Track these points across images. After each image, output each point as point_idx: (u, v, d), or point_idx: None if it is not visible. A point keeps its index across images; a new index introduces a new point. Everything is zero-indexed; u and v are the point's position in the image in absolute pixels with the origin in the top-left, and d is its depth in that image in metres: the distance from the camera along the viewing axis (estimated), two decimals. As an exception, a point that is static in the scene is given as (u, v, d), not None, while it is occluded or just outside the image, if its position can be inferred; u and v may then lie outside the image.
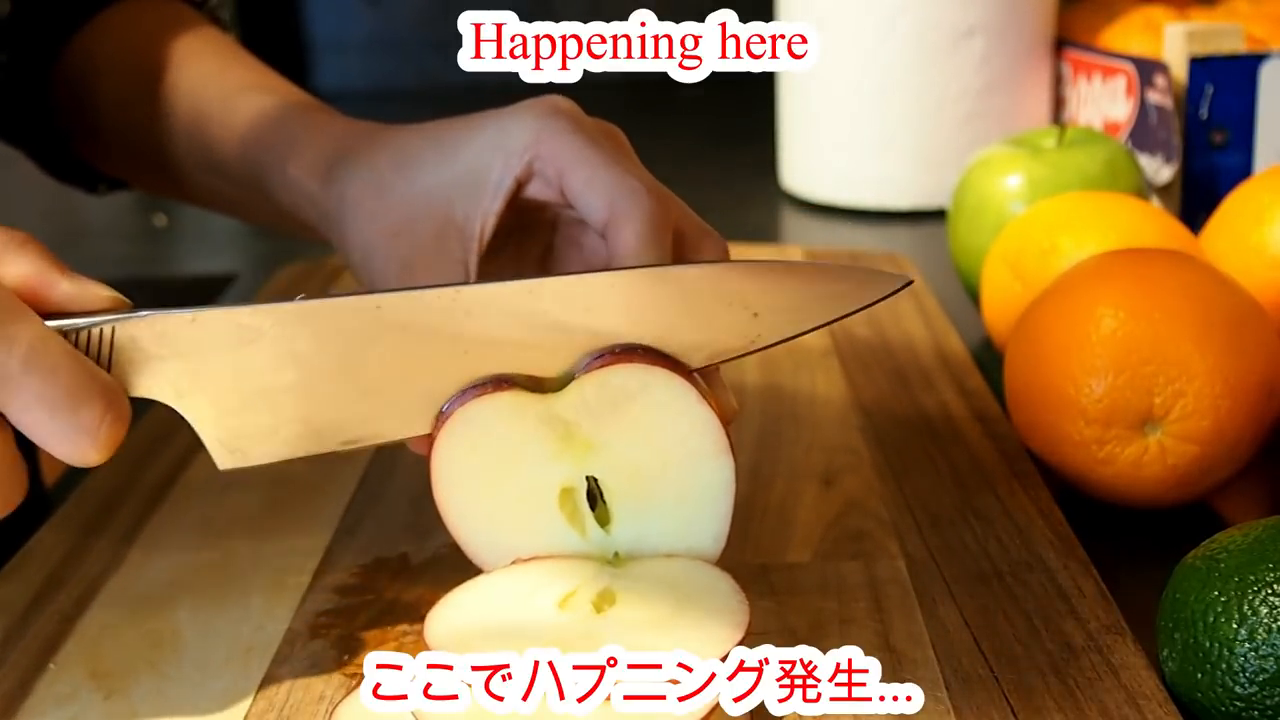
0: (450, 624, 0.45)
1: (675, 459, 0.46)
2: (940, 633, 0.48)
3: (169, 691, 0.46)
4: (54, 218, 0.82)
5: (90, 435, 0.42)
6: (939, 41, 1.02)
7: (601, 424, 0.46)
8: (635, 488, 0.47)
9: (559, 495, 0.47)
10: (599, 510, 0.48)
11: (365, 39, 1.67)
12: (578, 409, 0.46)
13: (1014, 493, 0.57)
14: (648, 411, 0.46)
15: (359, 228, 0.54)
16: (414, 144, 0.55)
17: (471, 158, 0.53)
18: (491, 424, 0.46)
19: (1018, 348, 0.60)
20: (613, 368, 0.46)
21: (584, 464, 0.47)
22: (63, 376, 0.42)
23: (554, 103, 0.53)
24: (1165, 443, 0.55)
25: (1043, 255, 0.68)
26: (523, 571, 0.47)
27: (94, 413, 0.42)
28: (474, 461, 0.46)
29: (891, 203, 1.06)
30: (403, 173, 0.54)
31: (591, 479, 0.47)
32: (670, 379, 0.46)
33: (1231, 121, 0.89)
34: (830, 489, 0.59)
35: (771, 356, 0.73)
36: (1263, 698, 0.42)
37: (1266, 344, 0.56)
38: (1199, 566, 0.44)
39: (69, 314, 0.44)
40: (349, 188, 0.55)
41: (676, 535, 0.47)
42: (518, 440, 0.46)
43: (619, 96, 1.52)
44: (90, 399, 0.42)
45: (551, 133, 0.51)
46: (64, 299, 0.44)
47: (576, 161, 0.51)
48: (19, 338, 0.41)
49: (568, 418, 0.46)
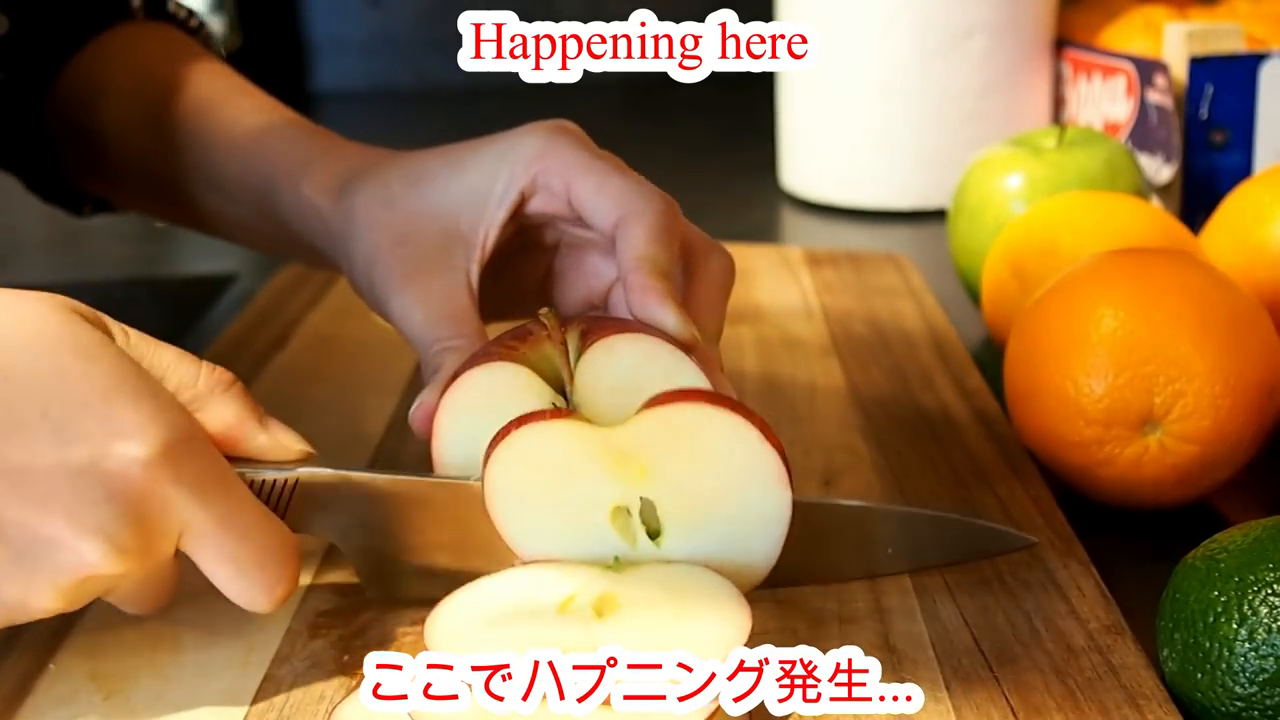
0: (450, 626, 0.45)
1: (733, 489, 0.46)
2: (940, 633, 0.48)
3: (169, 692, 0.46)
4: (54, 218, 0.82)
5: (266, 594, 0.45)
6: (939, 41, 1.02)
7: (660, 454, 0.46)
8: (690, 512, 0.47)
9: (611, 512, 0.47)
10: (651, 529, 0.48)
11: (365, 39, 1.67)
12: (637, 440, 0.46)
13: (1014, 493, 0.57)
14: (708, 446, 0.46)
15: (364, 236, 0.55)
16: (425, 162, 0.56)
17: (478, 172, 0.54)
18: (548, 446, 0.46)
19: (1018, 348, 0.60)
20: (676, 405, 0.46)
21: (639, 487, 0.47)
22: (254, 539, 0.44)
23: (559, 123, 0.54)
24: (1165, 443, 0.55)
25: (1043, 255, 0.68)
26: (522, 574, 0.47)
27: (274, 575, 0.45)
28: (528, 479, 0.47)
29: (891, 203, 1.06)
30: (413, 188, 0.55)
31: (646, 500, 0.47)
32: (732, 419, 0.46)
33: (1231, 121, 0.89)
34: (830, 489, 0.59)
35: (771, 356, 0.73)
36: (1263, 698, 0.42)
37: (1266, 344, 0.56)
38: (1199, 566, 0.44)
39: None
40: (358, 201, 0.56)
41: (726, 557, 0.47)
42: (573, 462, 0.46)
43: (619, 96, 1.52)
44: (274, 563, 0.45)
45: (557, 147, 0.53)
46: (259, 451, 0.47)
47: (584, 171, 0.52)
48: (218, 499, 0.44)
49: (625, 447, 0.46)
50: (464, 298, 0.53)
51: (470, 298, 0.53)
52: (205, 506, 0.43)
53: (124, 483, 0.42)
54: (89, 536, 0.41)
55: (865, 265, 0.88)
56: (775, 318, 0.79)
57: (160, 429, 0.42)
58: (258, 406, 0.47)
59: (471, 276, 0.53)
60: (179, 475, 0.43)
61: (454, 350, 0.51)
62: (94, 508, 0.41)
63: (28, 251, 1.10)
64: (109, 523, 0.42)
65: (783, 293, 0.83)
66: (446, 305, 0.53)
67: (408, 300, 0.53)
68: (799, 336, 0.76)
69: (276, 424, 0.47)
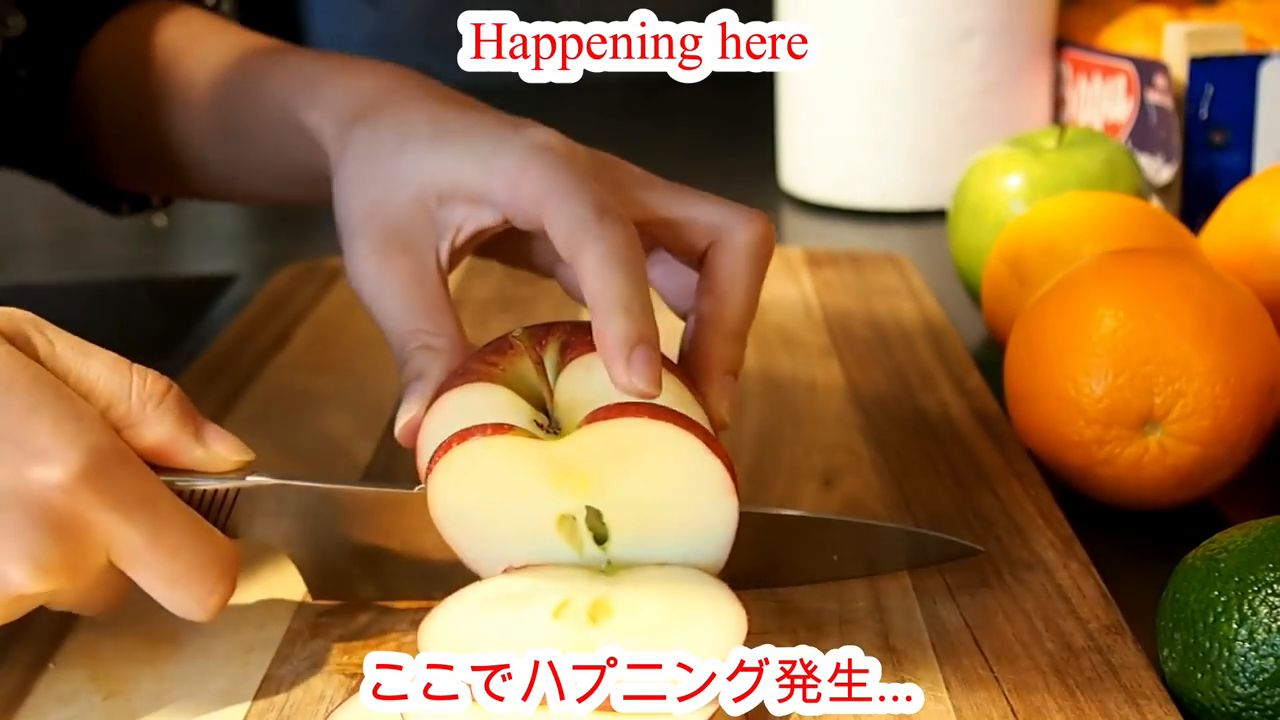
0: (444, 632, 0.45)
1: (678, 500, 0.46)
2: (940, 633, 0.48)
3: (169, 692, 0.46)
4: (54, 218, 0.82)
5: (200, 605, 0.45)
6: (938, 41, 1.02)
7: (603, 467, 0.46)
8: (636, 521, 0.47)
9: (557, 520, 0.47)
10: (598, 536, 0.48)
11: (365, 39, 1.67)
12: (579, 454, 0.46)
13: (1014, 493, 0.57)
14: (651, 459, 0.46)
15: (346, 193, 0.54)
16: (416, 121, 0.53)
17: (457, 163, 0.51)
18: (487, 461, 0.46)
19: (1018, 348, 0.60)
20: (616, 420, 0.45)
21: (583, 497, 0.47)
22: (185, 555, 0.44)
23: (543, 141, 0.50)
24: (1165, 443, 0.55)
25: (1043, 255, 0.68)
26: (514, 581, 0.47)
27: (207, 588, 0.45)
28: (470, 493, 0.47)
29: (891, 203, 1.06)
30: (398, 147, 0.53)
31: (592, 509, 0.47)
32: (676, 433, 0.45)
33: (1231, 121, 0.89)
34: (830, 489, 0.59)
35: (771, 356, 0.73)
36: (1263, 698, 0.42)
37: (1266, 344, 0.56)
38: (1199, 566, 0.44)
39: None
40: (351, 147, 0.54)
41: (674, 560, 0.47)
42: (515, 475, 0.46)
43: (619, 97, 1.52)
44: (207, 577, 0.45)
45: (534, 167, 0.49)
46: (195, 464, 0.47)
47: (550, 198, 0.49)
48: (146, 518, 0.44)
49: (568, 460, 0.46)
50: (434, 281, 0.52)
51: (441, 280, 0.52)
52: (132, 526, 0.43)
53: (44, 506, 0.42)
54: (14, 561, 0.42)
55: (865, 265, 0.88)
56: (775, 318, 0.79)
57: (79, 452, 0.42)
58: (195, 415, 0.47)
59: (441, 256, 0.52)
60: (102, 497, 0.43)
61: (429, 351, 0.50)
62: (17, 534, 0.42)
63: (28, 251, 1.10)
64: (33, 546, 0.42)
65: (783, 293, 0.83)
66: (417, 290, 0.51)
67: (377, 280, 0.52)
68: (799, 336, 0.76)
69: (215, 432, 0.47)
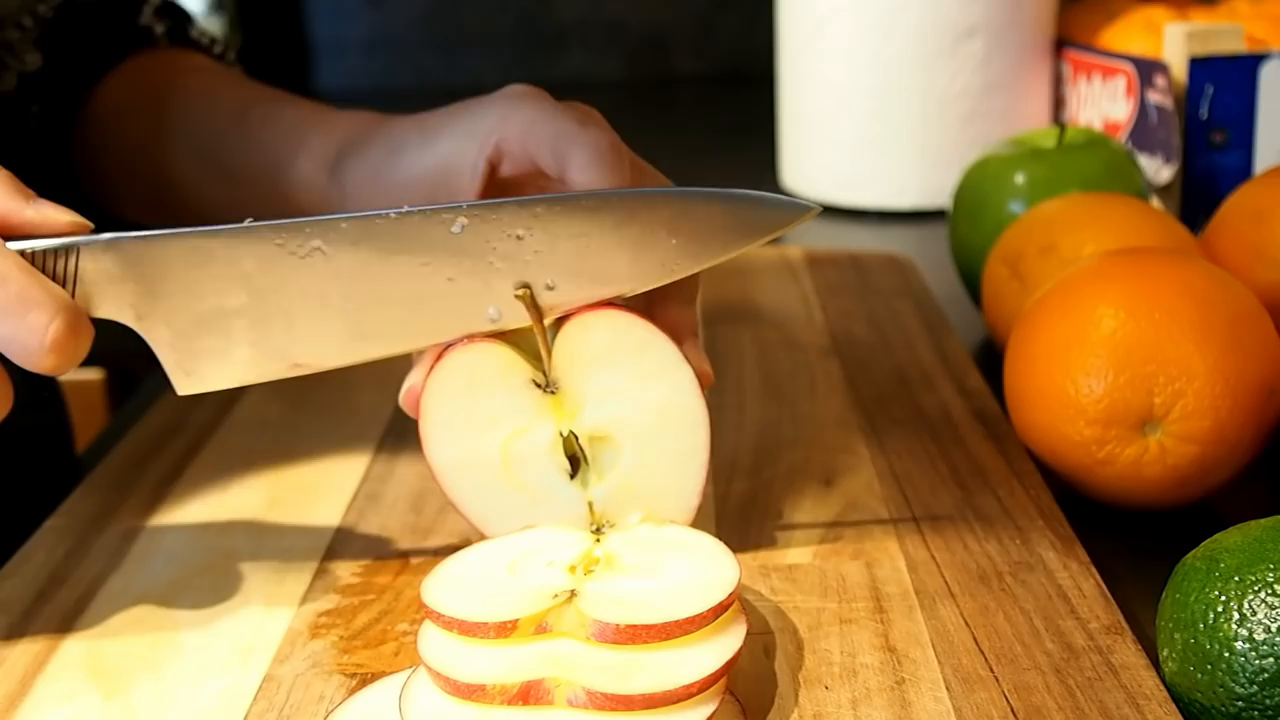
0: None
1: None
2: (940, 633, 0.48)
3: (169, 691, 0.46)
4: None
5: (39, 337, 0.45)
6: (939, 41, 1.02)
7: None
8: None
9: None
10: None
11: (365, 39, 1.67)
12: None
13: (1014, 493, 0.57)
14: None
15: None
16: (403, 132, 0.58)
17: (448, 143, 0.55)
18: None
19: (1018, 348, 0.60)
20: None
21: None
22: (11, 284, 0.45)
23: (519, 89, 0.55)
24: (1165, 443, 0.55)
25: (1043, 255, 0.68)
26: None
27: (42, 317, 0.45)
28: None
29: (891, 203, 1.06)
30: (392, 159, 0.57)
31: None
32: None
33: (1231, 121, 0.89)
34: (830, 489, 0.59)
35: (771, 357, 0.73)
36: (1263, 698, 0.42)
37: (1266, 344, 0.56)
38: (1199, 566, 0.44)
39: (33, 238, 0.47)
40: (349, 178, 0.59)
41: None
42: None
43: (619, 96, 1.52)
44: (38, 305, 0.45)
45: (514, 111, 0.54)
46: (26, 225, 0.47)
47: (535, 128, 0.53)
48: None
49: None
50: None
51: None
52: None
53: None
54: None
55: (866, 266, 0.88)
56: (775, 318, 0.79)
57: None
58: (25, 188, 0.47)
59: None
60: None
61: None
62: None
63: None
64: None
65: (783, 293, 0.83)
66: None
67: None
68: (799, 336, 0.76)
69: (45, 202, 0.47)
